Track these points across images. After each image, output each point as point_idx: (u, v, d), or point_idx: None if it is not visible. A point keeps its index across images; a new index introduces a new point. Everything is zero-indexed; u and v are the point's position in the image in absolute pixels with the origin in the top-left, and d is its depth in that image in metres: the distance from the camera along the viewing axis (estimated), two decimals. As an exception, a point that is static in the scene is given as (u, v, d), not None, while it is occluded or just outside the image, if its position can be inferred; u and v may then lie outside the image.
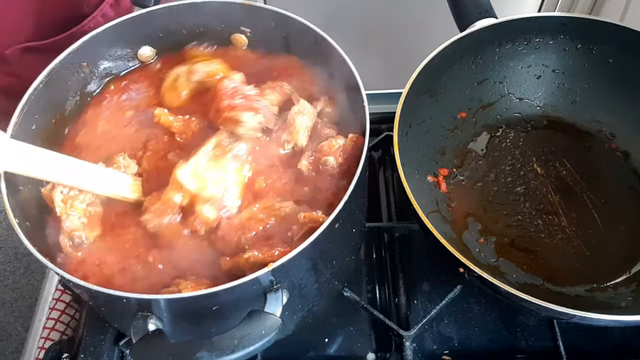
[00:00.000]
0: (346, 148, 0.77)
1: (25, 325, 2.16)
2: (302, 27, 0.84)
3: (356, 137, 0.78)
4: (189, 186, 0.73)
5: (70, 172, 0.74)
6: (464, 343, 0.92)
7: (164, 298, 0.63)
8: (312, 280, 0.76)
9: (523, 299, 0.73)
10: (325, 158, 0.77)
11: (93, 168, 0.76)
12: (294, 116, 0.80)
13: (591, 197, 0.99)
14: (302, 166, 0.78)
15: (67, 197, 0.74)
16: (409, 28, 1.79)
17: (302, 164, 0.78)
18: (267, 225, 0.73)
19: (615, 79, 1.03)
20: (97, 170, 0.77)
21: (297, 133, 0.80)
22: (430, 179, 1.00)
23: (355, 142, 0.77)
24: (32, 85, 0.78)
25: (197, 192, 0.73)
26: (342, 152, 0.77)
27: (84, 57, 0.86)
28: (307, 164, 0.78)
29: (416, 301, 0.96)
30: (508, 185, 1.02)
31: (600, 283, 0.91)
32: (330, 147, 0.77)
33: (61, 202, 0.74)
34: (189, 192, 0.73)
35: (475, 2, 0.99)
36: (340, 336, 0.94)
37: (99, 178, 0.76)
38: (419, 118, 0.99)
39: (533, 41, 1.04)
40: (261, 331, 0.62)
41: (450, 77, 1.03)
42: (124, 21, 0.87)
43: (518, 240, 0.96)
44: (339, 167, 0.76)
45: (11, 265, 2.30)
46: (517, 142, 1.07)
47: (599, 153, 1.04)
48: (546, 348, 0.90)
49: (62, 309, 1.01)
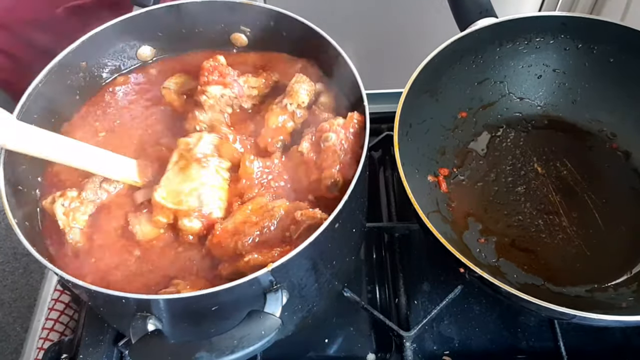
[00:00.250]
0: (346, 125, 0.77)
1: (24, 325, 2.16)
2: (302, 27, 0.84)
3: (356, 113, 0.78)
4: (168, 205, 0.74)
5: (77, 154, 0.75)
6: (464, 343, 0.92)
7: (163, 298, 0.63)
8: (312, 281, 0.75)
9: (523, 299, 0.73)
10: (327, 134, 0.77)
11: (100, 151, 0.77)
12: (293, 84, 0.83)
13: (592, 197, 0.99)
14: (303, 148, 0.78)
15: (69, 209, 0.75)
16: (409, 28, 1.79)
17: (303, 146, 0.78)
18: (263, 228, 0.73)
19: (616, 78, 1.02)
20: (104, 154, 0.77)
21: (298, 94, 0.82)
22: (431, 179, 1.00)
23: (357, 119, 0.78)
24: (31, 84, 0.78)
25: (176, 208, 0.74)
26: (343, 129, 0.77)
27: (83, 56, 0.86)
28: (309, 145, 0.78)
29: (416, 301, 0.96)
30: (509, 185, 1.02)
31: (601, 283, 0.91)
32: (331, 124, 0.77)
33: (63, 215, 0.74)
34: (170, 210, 0.74)
35: (475, 1, 0.99)
36: (340, 336, 0.94)
37: (106, 162, 0.77)
38: (419, 118, 0.99)
39: (534, 41, 1.04)
40: (261, 331, 0.62)
41: (451, 77, 1.02)
42: (124, 21, 0.86)
43: (519, 240, 0.96)
44: (340, 143, 0.77)
45: (10, 266, 2.29)
46: (518, 141, 1.07)
47: (599, 153, 1.04)
48: (547, 348, 0.90)
49: (61, 309, 1.01)
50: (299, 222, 0.71)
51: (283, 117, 0.82)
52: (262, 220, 0.73)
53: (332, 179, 0.75)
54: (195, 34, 0.92)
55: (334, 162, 0.75)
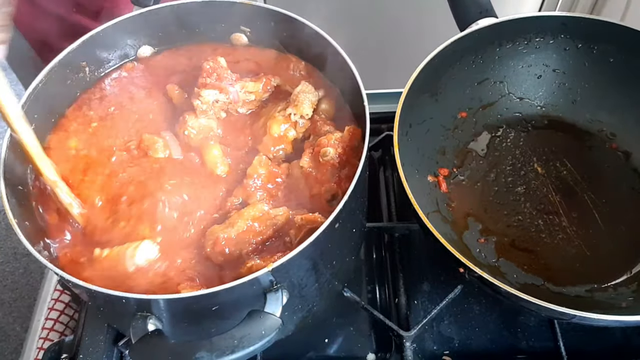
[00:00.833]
0: (344, 139, 0.79)
1: (24, 325, 2.16)
2: (302, 27, 0.84)
3: (352, 127, 0.79)
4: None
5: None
6: (464, 343, 0.92)
7: (163, 298, 0.63)
8: (312, 280, 0.75)
9: (523, 299, 0.73)
10: (325, 149, 0.77)
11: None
12: (298, 94, 0.83)
13: (592, 197, 0.99)
14: (304, 163, 0.79)
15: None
16: (409, 28, 1.79)
17: (304, 161, 0.79)
18: (265, 236, 0.74)
19: (616, 78, 1.02)
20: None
21: (302, 105, 0.82)
22: (431, 179, 1.00)
23: (353, 132, 0.79)
24: (31, 84, 0.78)
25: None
26: (340, 144, 0.78)
27: (83, 56, 0.86)
28: (309, 160, 0.79)
29: (416, 301, 0.96)
30: (508, 185, 1.02)
31: (600, 283, 0.91)
32: (329, 139, 0.78)
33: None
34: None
35: (475, 1, 0.99)
36: (340, 336, 0.94)
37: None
38: (419, 118, 0.99)
39: (533, 41, 1.04)
40: (261, 331, 0.62)
41: (451, 77, 1.02)
42: (124, 21, 0.87)
43: (518, 240, 0.96)
44: (338, 157, 0.78)
45: (10, 266, 2.29)
46: (518, 141, 1.07)
47: (599, 153, 1.04)
48: (547, 348, 0.90)
49: (61, 309, 1.01)
50: (300, 226, 0.72)
51: (285, 125, 0.82)
52: (266, 230, 0.74)
53: (331, 193, 0.76)
54: (196, 34, 0.92)
55: (333, 175, 0.77)
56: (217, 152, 0.81)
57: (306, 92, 0.83)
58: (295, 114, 0.82)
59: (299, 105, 0.82)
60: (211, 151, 0.81)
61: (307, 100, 0.82)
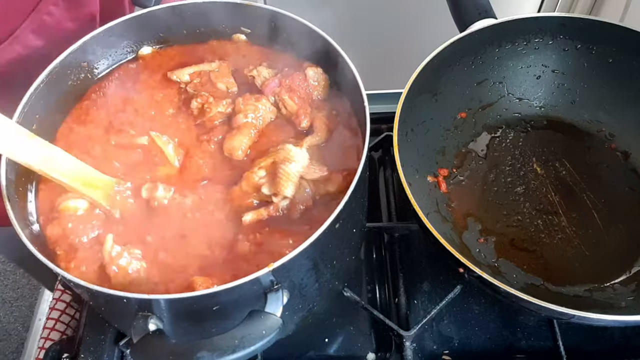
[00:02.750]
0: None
1: (25, 325, 2.16)
2: (302, 27, 0.84)
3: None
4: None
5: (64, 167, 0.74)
6: (464, 343, 0.92)
7: (164, 298, 0.63)
8: (312, 280, 0.76)
9: (523, 299, 0.73)
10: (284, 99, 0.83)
11: (86, 167, 0.77)
12: (280, 167, 0.76)
13: (591, 197, 0.99)
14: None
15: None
16: (409, 28, 1.79)
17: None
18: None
19: (615, 79, 1.03)
20: (89, 170, 0.77)
21: (284, 187, 0.75)
22: (430, 179, 1.00)
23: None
24: (32, 85, 0.78)
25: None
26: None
27: (84, 57, 0.86)
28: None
29: (416, 301, 0.96)
30: (508, 185, 1.02)
31: (600, 283, 0.91)
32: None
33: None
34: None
35: (474, 2, 0.99)
36: (340, 336, 0.94)
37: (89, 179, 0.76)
38: (419, 118, 0.99)
39: (533, 41, 1.04)
40: (262, 331, 0.62)
41: (450, 78, 1.03)
42: (125, 21, 0.87)
43: (518, 240, 0.96)
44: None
45: (11, 265, 2.30)
46: (517, 142, 1.07)
47: (598, 153, 1.04)
48: (546, 348, 0.91)
49: (62, 308, 1.01)
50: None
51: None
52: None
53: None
54: (196, 35, 0.92)
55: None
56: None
57: (292, 161, 0.76)
58: (276, 195, 0.75)
59: (278, 185, 0.74)
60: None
61: (293, 177, 0.75)
